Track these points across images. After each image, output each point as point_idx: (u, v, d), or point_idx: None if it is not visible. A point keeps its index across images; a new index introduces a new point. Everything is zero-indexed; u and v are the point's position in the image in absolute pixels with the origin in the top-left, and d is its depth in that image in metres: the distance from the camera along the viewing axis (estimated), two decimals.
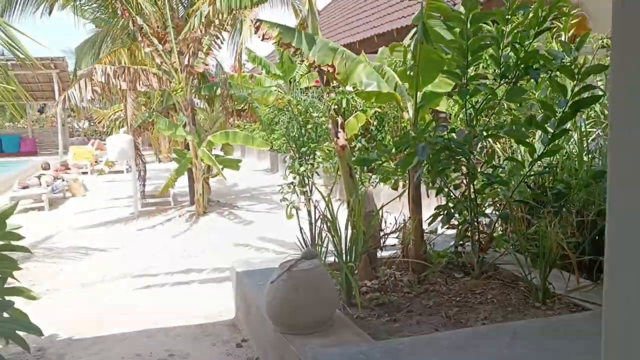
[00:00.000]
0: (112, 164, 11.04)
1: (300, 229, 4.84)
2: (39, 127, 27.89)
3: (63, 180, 12.63)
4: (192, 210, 10.21)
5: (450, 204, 4.26)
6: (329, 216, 4.75)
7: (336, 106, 4.39)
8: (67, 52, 24.15)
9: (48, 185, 11.49)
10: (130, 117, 10.13)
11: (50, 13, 10.82)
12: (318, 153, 5.03)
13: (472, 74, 4.22)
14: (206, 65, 9.61)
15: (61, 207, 11.48)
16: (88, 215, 10.46)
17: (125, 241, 8.34)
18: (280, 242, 7.43)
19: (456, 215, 4.29)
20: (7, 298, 3.48)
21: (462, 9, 3.82)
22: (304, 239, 4.86)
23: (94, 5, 9.99)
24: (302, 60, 4.33)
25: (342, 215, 4.25)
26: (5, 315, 3.38)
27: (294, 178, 4.87)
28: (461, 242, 4.38)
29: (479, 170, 4.20)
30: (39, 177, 11.89)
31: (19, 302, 3.49)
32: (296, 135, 4.91)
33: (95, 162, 18.04)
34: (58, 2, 9.84)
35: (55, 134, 23.56)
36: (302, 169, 4.86)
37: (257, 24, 4.39)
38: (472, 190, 4.09)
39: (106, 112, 19.37)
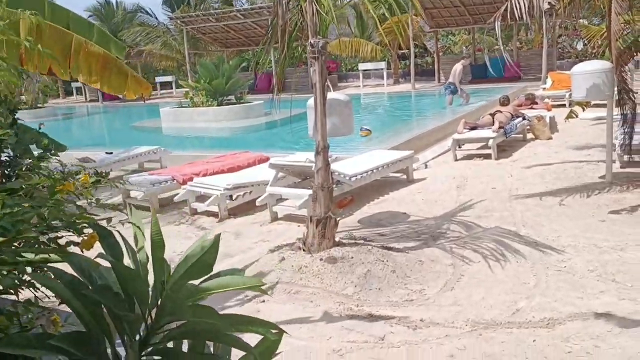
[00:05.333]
0: (585, 104, 7.93)
1: None
2: (526, 48, 25.79)
3: (523, 119, 10.13)
4: None
5: None
6: None
7: None
8: None
9: (500, 127, 9.21)
10: (613, 33, 6.64)
11: None
12: None
13: None
14: None
15: (514, 155, 9.07)
16: (539, 172, 7.74)
17: (576, 233, 5.35)
18: None
19: None
20: None
21: None
22: None
23: None
24: None
25: None
26: None
27: None
28: None
29: None
30: (492, 114, 9.74)
31: None
32: None
33: None
34: None
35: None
36: None
37: None
38: None
39: (597, 28, 15.51)
